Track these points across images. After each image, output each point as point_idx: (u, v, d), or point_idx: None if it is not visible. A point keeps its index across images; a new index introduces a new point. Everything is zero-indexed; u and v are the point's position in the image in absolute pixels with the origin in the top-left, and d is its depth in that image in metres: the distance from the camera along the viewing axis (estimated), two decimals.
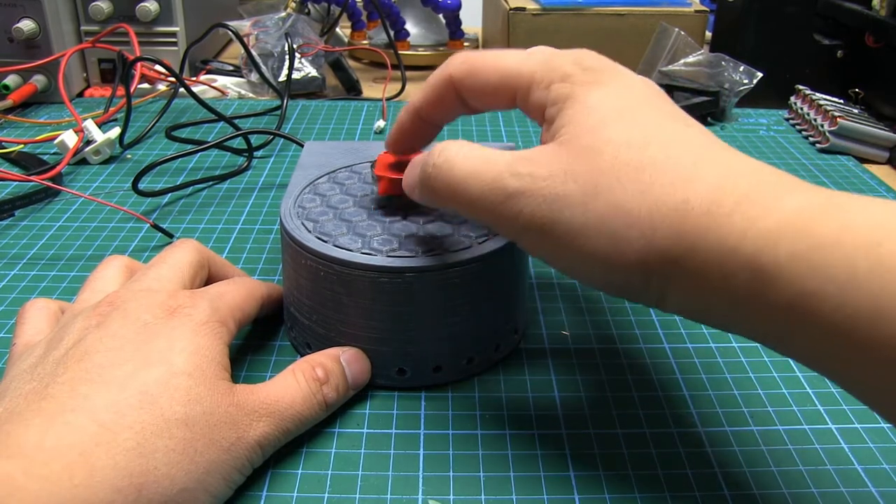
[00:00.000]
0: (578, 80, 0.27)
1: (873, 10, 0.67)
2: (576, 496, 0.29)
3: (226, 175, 0.55)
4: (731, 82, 0.68)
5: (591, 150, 0.25)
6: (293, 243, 0.33)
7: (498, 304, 0.34)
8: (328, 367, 0.31)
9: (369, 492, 0.29)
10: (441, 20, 0.88)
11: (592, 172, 0.25)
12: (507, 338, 0.36)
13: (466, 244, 0.33)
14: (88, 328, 0.28)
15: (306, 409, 0.30)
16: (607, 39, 0.76)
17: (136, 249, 0.46)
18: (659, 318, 0.40)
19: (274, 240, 0.47)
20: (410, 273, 0.31)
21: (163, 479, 0.24)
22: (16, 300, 0.40)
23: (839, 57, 0.72)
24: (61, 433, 0.24)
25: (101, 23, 0.70)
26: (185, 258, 0.33)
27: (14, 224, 0.48)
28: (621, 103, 0.26)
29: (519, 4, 0.75)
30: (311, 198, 0.37)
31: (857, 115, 0.65)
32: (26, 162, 0.56)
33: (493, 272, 0.33)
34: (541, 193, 0.25)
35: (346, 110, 0.70)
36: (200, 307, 0.30)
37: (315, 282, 0.33)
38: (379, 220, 0.34)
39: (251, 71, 0.73)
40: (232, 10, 0.86)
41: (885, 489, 0.29)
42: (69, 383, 0.25)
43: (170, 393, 0.26)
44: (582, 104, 0.27)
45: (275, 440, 0.29)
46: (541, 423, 0.32)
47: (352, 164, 0.40)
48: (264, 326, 0.38)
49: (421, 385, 0.34)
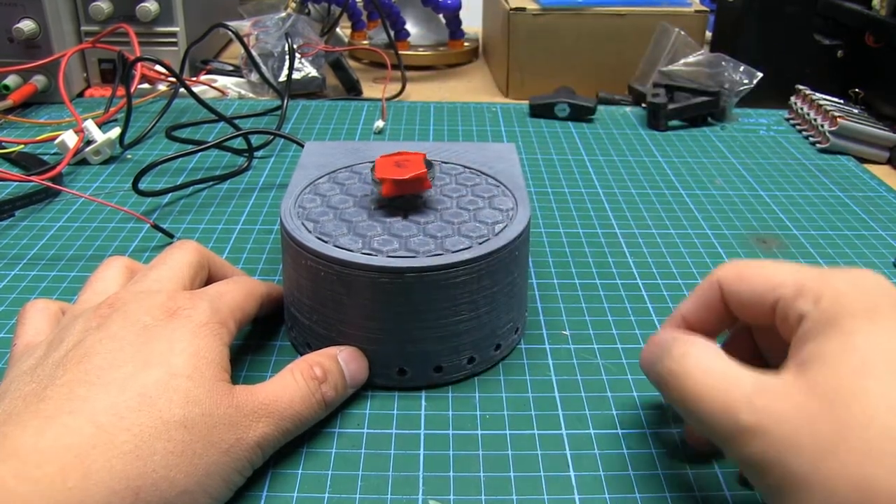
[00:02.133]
0: (850, 306, 0.24)
1: (873, 10, 0.67)
2: (576, 496, 0.29)
3: (226, 175, 0.55)
4: (731, 82, 0.68)
5: (842, 400, 0.22)
6: (293, 243, 0.33)
7: (498, 304, 0.34)
8: (326, 366, 0.31)
9: (369, 492, 0.29)
10: (441, 20, 0.88)
11: (837, 427, 0.21)
12: (507, 338, 0.36)
13: (467, 244, 0.33)
14: (88, 330, 0.28)
15: (305, 409, 0.30)
16: (607, 39, 0.76)
17: (137, 250, 0.46)
18: (659, 318, 0.40)
19: (274, 240, 0.47)
20: (411, 273, 0.31)
21: (161, 482, 0.24)
22: (16, 300, 0.40)
23: (839, 57, 0.72)
24: (57, 435, 0.24)
25: (102, 23, 0.70)
26: (184, 259, 0.33)
27: (14, 224, 0.48)
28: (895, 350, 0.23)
29: (519, 4, 0.75)
30: (311, 198, 0.37)
31: (857, 115, 0.64)
32: (26, 162, 0.56)
33: (493, 272, 0.33)
34: (774, 434, 0.23)
35: (346, 110, 0.70)
36: (200, 308, 0.30)
37: (315, 282, 0.33)
38: (379, 221, 0.34)
39: (251, 71, 0.73)
40: (232, 10, 0.86)
41: None
42: (68, 385, 0.25)
43: (168, 395, 0.26)
44: (845, 337, 0.23)
45: (274, 440, 0.29)
46: (541, 423, 0.32)
47: (352, 164, 0.40)
48: (264, 326, 0.38)
49: (421, 385, 0.34)
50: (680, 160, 0.61)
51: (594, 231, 0.49)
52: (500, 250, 0.33)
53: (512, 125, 0.67)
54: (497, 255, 0.33)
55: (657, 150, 0.63)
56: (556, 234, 0.48)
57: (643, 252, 0.46)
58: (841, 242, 0.48)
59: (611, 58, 0.77)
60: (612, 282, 0.43)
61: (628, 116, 0.70)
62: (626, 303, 0.41)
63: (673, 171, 0.59)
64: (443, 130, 0.65)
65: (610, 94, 0.74)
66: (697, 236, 0.48)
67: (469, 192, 0.38)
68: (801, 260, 0.46)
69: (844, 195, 0.55)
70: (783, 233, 0.49)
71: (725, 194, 0.55)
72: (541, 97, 0.69)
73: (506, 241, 0.33)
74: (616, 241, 0.47)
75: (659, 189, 0.55)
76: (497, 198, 0.37)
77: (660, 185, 0.56)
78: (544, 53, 0.75)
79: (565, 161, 0.60)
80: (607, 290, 0.42)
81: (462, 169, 0.40)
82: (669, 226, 0.50)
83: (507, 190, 0.38)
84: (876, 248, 0.48)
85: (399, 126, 0.66)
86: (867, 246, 0.48)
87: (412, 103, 0.72)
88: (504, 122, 0.68)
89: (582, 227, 0.49)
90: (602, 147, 0.63)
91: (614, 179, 0.57)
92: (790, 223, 0.51)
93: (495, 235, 0.34)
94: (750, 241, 0.48)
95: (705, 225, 0.50)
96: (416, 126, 0.66)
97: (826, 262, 0.46)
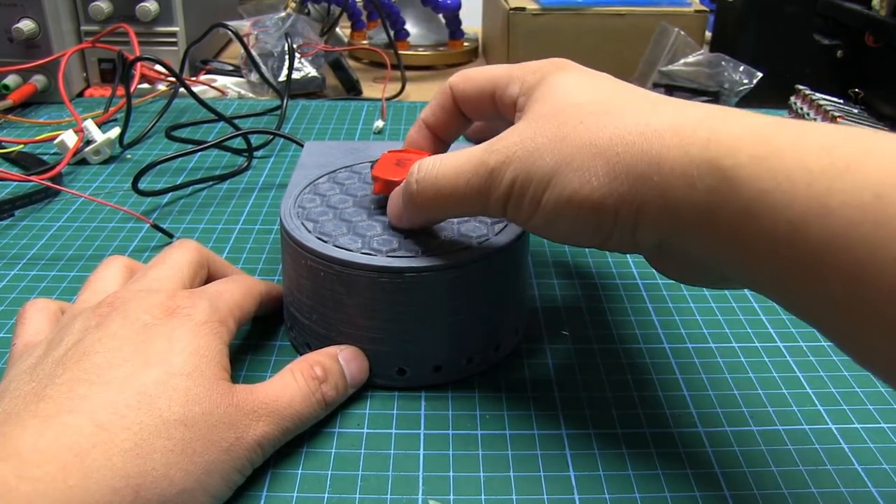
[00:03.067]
0: (547, 70, 0.30)
1: (873, 10, 0.67)
2: (576, 496, 0.29)
3: (226, 175, 0.55)
4: (731, 82, 0.68)
5: (556, 112, 0.27)
6: (293, 243, 0.33)
7: (498, 304, 0.34)
8: (326, 366, 0.31)
9: (369, 492, 0.29)
10: (441, 20, 0.88)
11: (559, 126, 0.27)
12: (507, 337, 0.36)
13: (466, 244, 0.33)
14: (88, 329, 0.28)
15: (305, 408, 0.30)
16: (607, 39, 0.76)
17: (136, 249, 0.46)
18: (659, 317, 0.40)
19: (274, 240, 0.47)
20: (410, 273, 0.31)
21: (161, 480, 0.24)
22: (16, 300, 0.40)
23: (839, 57, 0.72)
24: (58, 434, 0.24)
25: (101, 23, 0.70)
26: (184, 258, 0.33)
27: (14, 224, 0.48)
28: (584, 79, 0.29)
29: (519, 4, 0.75)
30: (311, 198, 0.37)
31: (857, 115, 0.64)
32: (26, 162, 0.56)
33: (493, 272, 0.33)
34: (517, 156, 0.27)
35: (345, 110, 0.70)
36: (200, 307, 0.30)
37: (315, 282, 0.33)
38: (379, 220, 0.34)
39: (251, 71, 0.73)
40: (232, 9, 0.86)
41: (885, 489, 0.29)
42: (67, 384, 0.25)
43: (168, 393, 0.26)
44: (547, 85, 0.29)
45: (274, 440, 0.29)
46: (541, 423, 0.32)
47: (352, 164, 0.40)
48: (264, 326, 0.38)
49: (421, 385, 0.34)
50: None
51: None
52: (499, 250, 0.33)
53: None
54: (497, 256, 0.33)
55: None
56: None
57: None
58: None
59: (610, 58, 0.77)
60: (611, 282, 0.43)
61: None
62: (625, 302, 0.41)
63: None
64: None
65: None
66: None
67: None
68: None
69: None
70: None
71: None
72: None
73: (505, 242, 0.33)
74: None
75: None
76: None
77: None
78: (544, 53, 0.74)
79: None
80: (607, 290, 0.42)
81: None
82: None
83: None
84: None
85: (399, 126, 0.66)
86: None
87: (412, 103, 0.72)
88: None
89: None
90: None
91: None
92: None
93: (495, 235, 0.34)
94: None
95: None
96: None
97: None
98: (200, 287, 0.32)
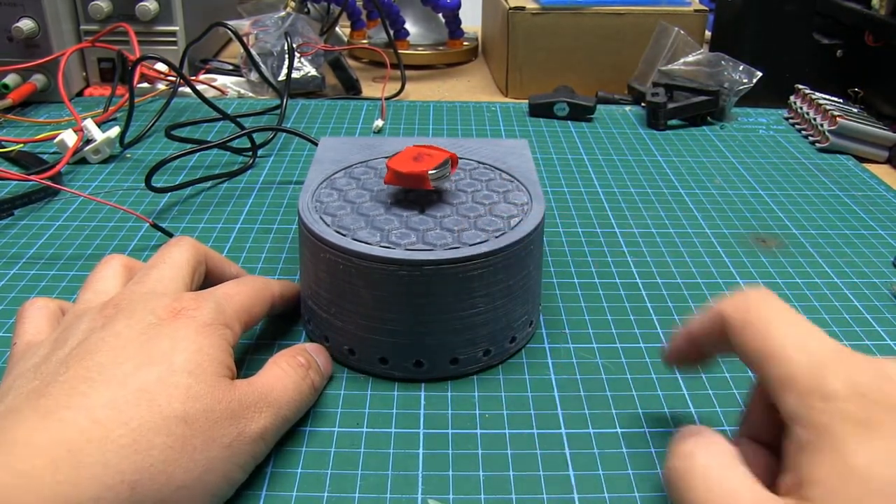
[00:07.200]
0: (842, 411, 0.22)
1: (873, 10, 0.67)
2: (575, 496, 0.29)
3: (232, 173, 0.55)
4: (731, 81, 0.68)
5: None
6: (312, 237, 0.34)
7: (514, 297, 0.34)
8: (306, 355, 0.33)
9: (369, 491, 0.29)
10: (440, 19, 0.88)
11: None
12: (522, 330, 0.36)
13: (483, 238, 0.33)
14: (93, 329, 0.28)
15: (299, 395, 0.31)
16: (607, 39, 0.76)
17: (136, 249, 0.46)
18: (658, 317, 0.40)
19: (274, 238, 0.47)
20: (429, 266, 0.32)
21: (159, 476, 0.24)
22: (15, 299, 0.40)
23: (839, 56, 0.72)
24: (53, 429, 0.24)
25: (101, 22, 0.70)
26: (183, 257, 0.33)
27: (13, 223, 0.48)
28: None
29: (518, 4, 0.75)
30: (328, 192, 0.37)
31: (857, 114, 0.65)
32: (26, 161, 0.56)
33: (509, 265, 0.33)
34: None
35: (345, 109, 0.70)
36: (205, 309, 0.30)
37: (334, 275, 0.33)
38: (396, 215, 0.35)
39: (251, 70, 0.73)
40: (231, 9, 0.86)
41: None
42: (70, 382, 0.25)
43: (169, 391, 0.26)
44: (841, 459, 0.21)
45: (275, 430, 0.29)
46: (541, 423, 0.32)
47: (367, 159, 0.41)
48: (275, 325, 0.38)
49: (438, 377, 0.34)
50: (679, 160, 0.61)
51: (593, 230, 0.49)
52: (516, 244, 0.33)
53: (511, 124, 0.67)
54: (513, 249, 0.33)
55: (656, 150, 0.63)
56: (556, 233, 0.48)
57: (642, 251, 0.46)
58: (840, 242, 0.48)
59: (610, 57, 0.77)
60: (611, 281, 0.43)
61: (627, 116, 0.70)
62: (625, 302, 0.41)
63: (672, 171, 0.59)
64: (442, 130, 0.65)
65: (609, 94, 0.74)
66: (696, 236, 0.48)
67: (484, 186, 0.38)
68: (800, 259, 0.46)
69: (844, 194, 0.55)
70: (782, 232, 0.49)
71: (725, 194, 0.55)
72: (540, 96, 0.69)
73: (522, 235, 0.34)
74: (615, 241, 0.48)
75: (658, 188, 0.55)
76: (511, 192, 0.37)
77: (659, 184, 0.56)
78: (544, 53, 0.75)
79: (564, 160, 0.60)
80: (606, 290, 0.42)
81: (476, 164, 0.40)
82: (668, 225, 0.50)
83: (521, 185, 0.38)
84: (875, 247, 0.48)
85: (398, 125, 0.66)
86: (866, 245, 0.48)
87: (411, 102, 0.72)
88: (503, 122, 0.68)
89: (581, 226, 0.49)
90: (601, 146, 0.63)
91: (613, 179, 0.57)
92: (789, 222, 0.51)
93: (511, 229, 0.34)
94: (749, 240, 0.48)
95: (704, 224, 0.50)
96: (415, 125, 0.66)
97: (825, 261, 0.46)
98: (209, 289, 0.32)
